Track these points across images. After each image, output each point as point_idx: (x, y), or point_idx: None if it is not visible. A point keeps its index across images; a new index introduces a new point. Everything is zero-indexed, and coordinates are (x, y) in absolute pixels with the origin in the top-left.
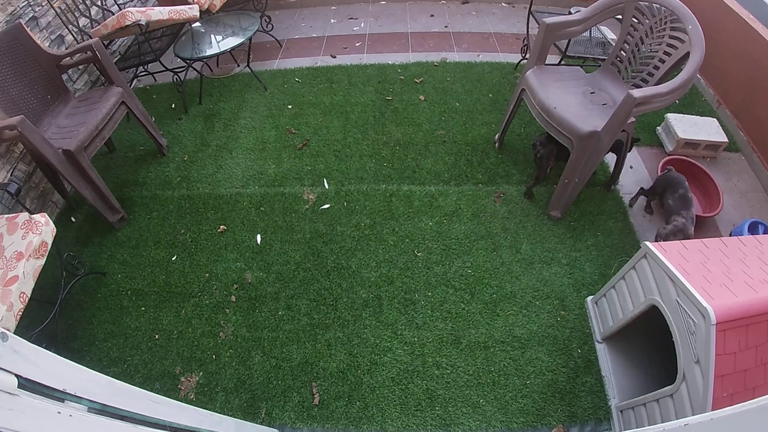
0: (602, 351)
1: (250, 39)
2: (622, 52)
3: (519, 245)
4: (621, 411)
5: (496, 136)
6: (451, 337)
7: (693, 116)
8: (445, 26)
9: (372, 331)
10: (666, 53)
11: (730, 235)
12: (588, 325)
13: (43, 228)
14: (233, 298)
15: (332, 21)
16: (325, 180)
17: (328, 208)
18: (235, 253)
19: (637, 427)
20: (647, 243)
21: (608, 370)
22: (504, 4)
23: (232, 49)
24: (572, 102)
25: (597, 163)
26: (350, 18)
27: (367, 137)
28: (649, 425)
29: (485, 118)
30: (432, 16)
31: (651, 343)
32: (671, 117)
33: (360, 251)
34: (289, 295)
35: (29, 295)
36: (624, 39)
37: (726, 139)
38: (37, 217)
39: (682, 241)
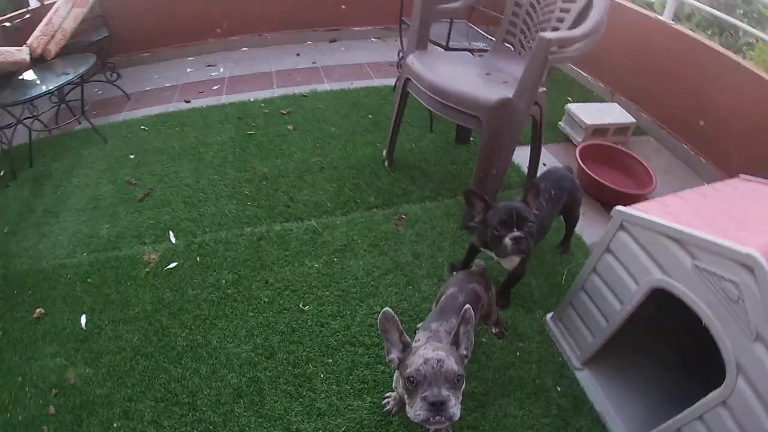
0: (587, 380)
1: (82, 77)
2: (512, 24)
3: (439, 271)
4: None
5: (384, 153)
6: (375, 418)
7: (594, 103)
8: (313, 62)
9: None
10: (563, 10)
11: None
12: (557, 352)
13: None
14: (52, 409)
15: (189, 70)
16: (171, 233)
17: (174, 267)
18: (55, 345)
19: None
20: (620, 208)
21: (603, 403)
22: (374, 39)
23: (59, 87)
24: (469, 79)
25: (515, 144)
26: (209, 65)
27: (226, 176)
28: None
29: (368, 138)
30: (298, 55)
31: (653, 353)
32: (572, 107)
33: (222, 318)
34: (126, 396)
35: None
36: (512, 9)
37: (633, 120)
38: None
39: (656, 199)
